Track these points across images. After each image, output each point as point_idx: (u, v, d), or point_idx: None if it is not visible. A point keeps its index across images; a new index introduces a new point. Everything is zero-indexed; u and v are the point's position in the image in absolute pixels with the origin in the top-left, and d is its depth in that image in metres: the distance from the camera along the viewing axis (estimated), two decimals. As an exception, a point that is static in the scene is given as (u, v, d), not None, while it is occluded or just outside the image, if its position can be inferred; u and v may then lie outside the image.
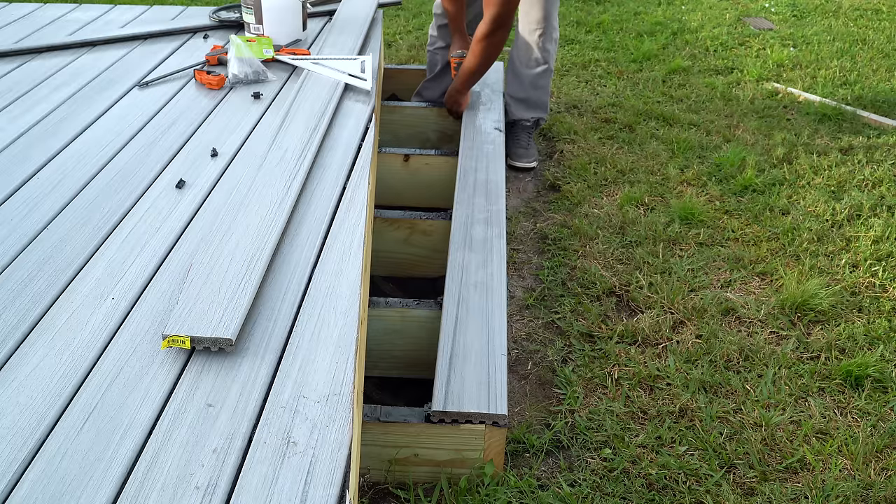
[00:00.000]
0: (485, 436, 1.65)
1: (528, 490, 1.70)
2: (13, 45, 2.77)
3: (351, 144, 2.11)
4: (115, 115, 2.25)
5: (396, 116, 3.04)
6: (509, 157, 3.10)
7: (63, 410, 1.21)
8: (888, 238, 2.61)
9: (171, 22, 3.09)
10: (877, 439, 1.84)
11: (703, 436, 1.84)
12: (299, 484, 1.09)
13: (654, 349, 2.13)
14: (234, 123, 2.20)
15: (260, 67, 2.51)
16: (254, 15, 2.77)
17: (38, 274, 1.53)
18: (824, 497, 1.70)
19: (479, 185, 2.50)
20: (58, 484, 1.08)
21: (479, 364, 1.75)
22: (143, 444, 1.15)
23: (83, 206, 1.78)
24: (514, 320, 2.26)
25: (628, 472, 1.76)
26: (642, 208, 2.80)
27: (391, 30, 4.71)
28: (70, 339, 1.36)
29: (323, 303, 1.48)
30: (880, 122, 3.49)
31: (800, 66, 4.20)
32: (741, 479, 1.75)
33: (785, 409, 1.93)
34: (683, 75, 4.06)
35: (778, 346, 2.15)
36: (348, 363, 1.32)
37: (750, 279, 2.43)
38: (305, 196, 1.84)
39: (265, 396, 1.25)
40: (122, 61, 2.68)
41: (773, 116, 3.56)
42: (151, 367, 1.30)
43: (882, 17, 5.09)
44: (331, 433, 1.18)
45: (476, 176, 2.55)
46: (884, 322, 2.23)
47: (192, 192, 1.84)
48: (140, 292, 1.49)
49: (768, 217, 2.74)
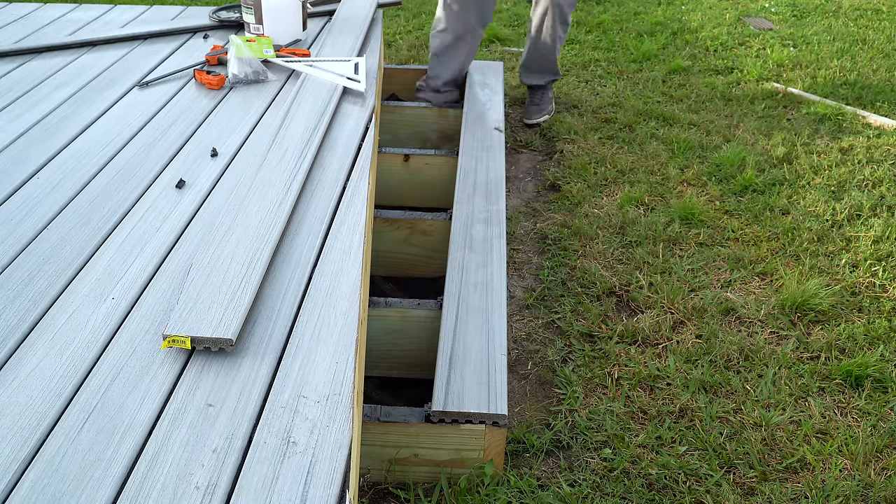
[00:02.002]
0: (485, 436, 1.65)
1: (528, 490, 1.70)
2: (13, 45, 2.77)
3: (351, 144, 2.11)
4: (115, 115, 2.25)
5: (396, 116, 3.04)
6: (523, 116, 3.47)
7: (63, 410, 1.21)
8: (888, 238, 2.61)
9: (171, 22, 3.09)
10: (877, 439, 1.84)
11: (703, 436, 1.84)
12: (299, 484, 1.09)
13: (654, 349, 2.13)
14: (234, 123, 2.21)
15: (260, 67, 2.51)
16: (254, 15, 2.77)
17: (38, 274, 1.53)
18: (824, 497, 1.70)
19: (480, 185, 2.51)
20: (58, 484, 1.08)
21: (479, 364, 1.75)
22: (143, 444, 1.15)
23: (83, 205, 1.78)
24: (514, 320, 2.26)
25: (628, 472, 1.76)
26: (642, 208, 2.80)
27: (391, 30, 4.71)
28: (70, 339, 1.36)
29: (323, 303, 1.48)
30: (880, 122, 3.49)
31: (800, 66, 4.20)
32: (741, 479, 1.75)
33: (785, 409, 1.93)
34: (683, 75, 4.06)
35: (778, 346, 2.15)
36: (348, 363, 1.33)
37: (750, 279, 2.43)
38: (305, 196, 1.84)
39: (265, 396, 1.25)
40: (122, 61, 2.69)
41: (773, 116, 3.56)
42: (151, 367, 1.30)
43: (882, 17, 5.09)
44: (331, 433, 1.18)
45: (476, 176, 2.55)
46: (884, 322, 2.23)
47: (192, 191, 1.85)
48: (140, 292, 1.49)
49: (768, 217, 2.74)
